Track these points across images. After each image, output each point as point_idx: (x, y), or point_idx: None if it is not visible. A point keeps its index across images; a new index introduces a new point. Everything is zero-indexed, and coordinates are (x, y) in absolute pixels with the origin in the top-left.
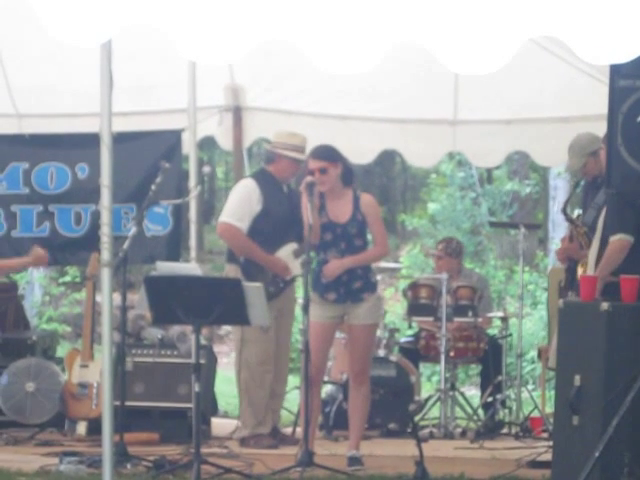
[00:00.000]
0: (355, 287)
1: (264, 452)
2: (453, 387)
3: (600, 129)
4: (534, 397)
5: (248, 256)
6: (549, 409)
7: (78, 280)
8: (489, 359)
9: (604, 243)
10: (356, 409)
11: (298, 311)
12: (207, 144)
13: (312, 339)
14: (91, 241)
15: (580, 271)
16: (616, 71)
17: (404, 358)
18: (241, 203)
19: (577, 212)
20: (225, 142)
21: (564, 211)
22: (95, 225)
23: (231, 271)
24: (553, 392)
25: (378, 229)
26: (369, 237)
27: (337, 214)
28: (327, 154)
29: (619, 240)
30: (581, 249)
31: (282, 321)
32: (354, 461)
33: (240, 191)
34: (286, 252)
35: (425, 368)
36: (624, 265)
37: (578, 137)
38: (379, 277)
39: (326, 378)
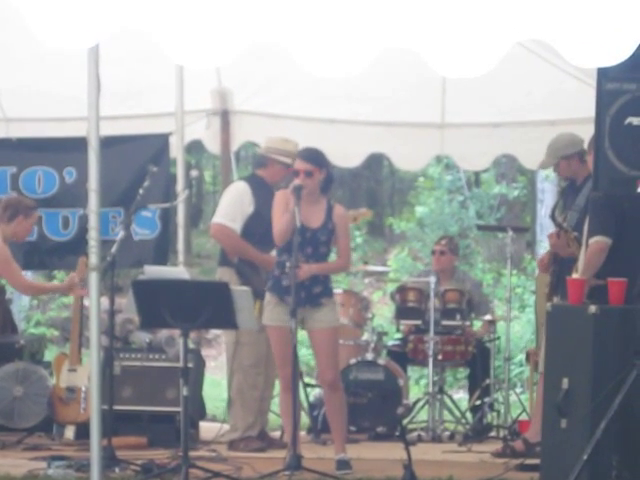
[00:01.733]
0: (315, 292)
1: (252, 455)
2: (441, 390)
3: (588, 132)
4: (522, 400)
5: (242, 256)
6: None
7: None
8: (477, 362)
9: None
10: (335, 414)
11: None
12: (195, 148)
13: (274, 346)
14: (79, 245)
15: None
16: (603, 74)
17: (392, 361)
18: (233, 204)
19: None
20: (213, 146)
21: (552, 217)
22: (83, 229)
23: (225, 274)
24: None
25: (344, 242)
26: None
27: (309, 218)
28: (315, 158)
29: (596, 242)
30: (568, 247)
31: None
32: (342, 464)
33: (232, 193)
34: None
35: (413, 371)
36: (609, 268)
37: (558, 137)
38: (367, 280)
39: (313, 382)
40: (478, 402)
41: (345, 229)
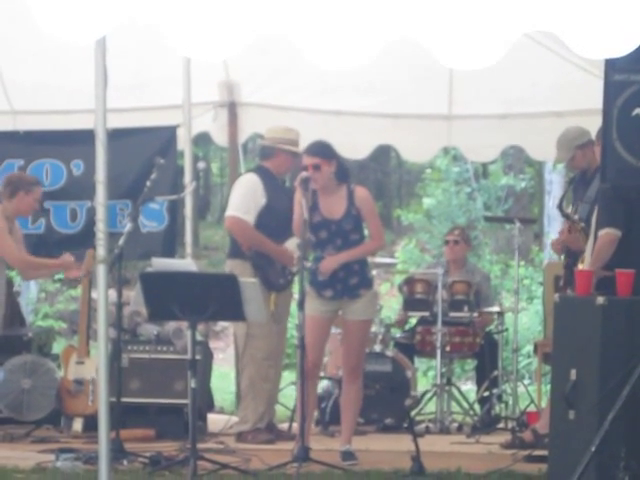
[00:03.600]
0: (352, 283)
1: (260, 447)
2: (449, 382)
3: (595, 123)
4: (530, 392)
5: (257, 248)
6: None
7: None
8: (485, 354)
9: (596, 238)
10: (350, 404)
11: (293, 306)
12: (202, 140)
13: (307, 333)
14: (87, 238)
15: (580, 267)
16: (611, 65)
17: (400, 353)
18: (246, 197)
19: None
20: (220, 138)
21: (560, 207)
22: (90, 221)
23: (236, 267)
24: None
25: (373, 222)
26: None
27: (331, 211)
28: (321, 151)
29: (606, 234)
30: (580, 241)
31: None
32: (348, 455)
33: (245, 185)
34: (292, 245)
35: (421, 363)
36: (617, 259)
37: (567, 130)
38: (374, 272)
39: (322, 373)
40: (486, 393)
41: (370, 209)
